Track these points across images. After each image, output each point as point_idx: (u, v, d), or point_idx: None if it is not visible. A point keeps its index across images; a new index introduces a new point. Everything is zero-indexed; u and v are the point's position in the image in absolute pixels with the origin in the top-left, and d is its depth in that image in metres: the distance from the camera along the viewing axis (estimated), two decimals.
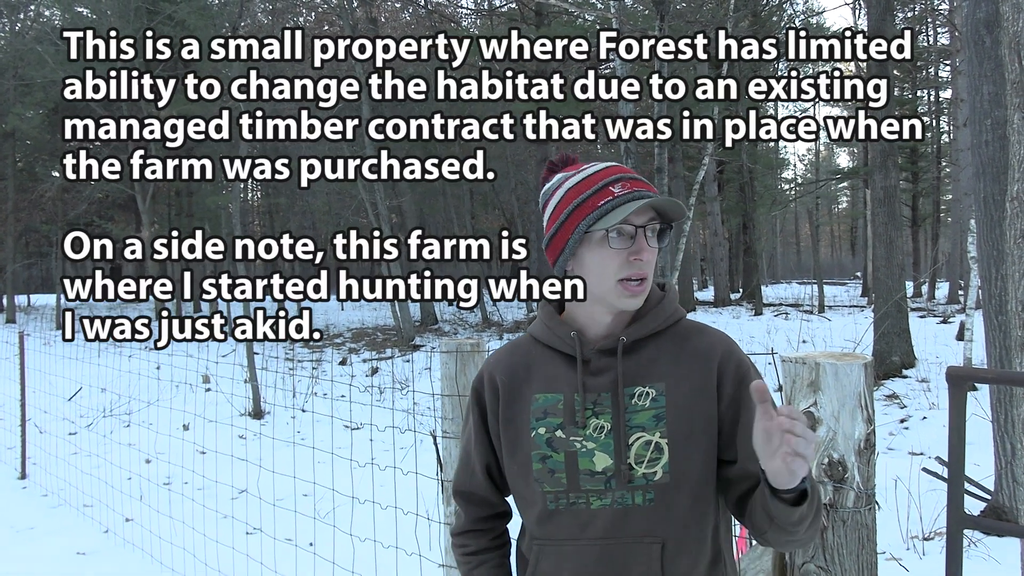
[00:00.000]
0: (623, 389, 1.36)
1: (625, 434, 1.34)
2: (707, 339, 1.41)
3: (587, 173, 1.40)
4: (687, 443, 1.34)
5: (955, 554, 1.31)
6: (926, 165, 28.33)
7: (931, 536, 4.77)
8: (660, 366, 1.38)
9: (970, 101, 5.01)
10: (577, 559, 1.37)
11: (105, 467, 6.34)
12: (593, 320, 1.42)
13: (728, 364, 1.38)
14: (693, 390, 1.36)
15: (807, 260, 55.02)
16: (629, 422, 1.35)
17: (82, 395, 9.31)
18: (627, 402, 1.35)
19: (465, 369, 2.57)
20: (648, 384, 1.36)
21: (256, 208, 32.78)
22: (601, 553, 1.35)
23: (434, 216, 28.01)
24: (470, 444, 1.54)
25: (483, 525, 1.56)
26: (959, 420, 1.30)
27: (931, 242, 29.78)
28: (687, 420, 1.34)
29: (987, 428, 5.09)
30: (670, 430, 1.33)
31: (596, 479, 1.35)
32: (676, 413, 1.34)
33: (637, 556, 1.33)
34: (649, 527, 1.33)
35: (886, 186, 10.12)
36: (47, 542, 5.04)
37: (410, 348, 14.93)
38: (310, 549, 4.22)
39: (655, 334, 1.40)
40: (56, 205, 22.10)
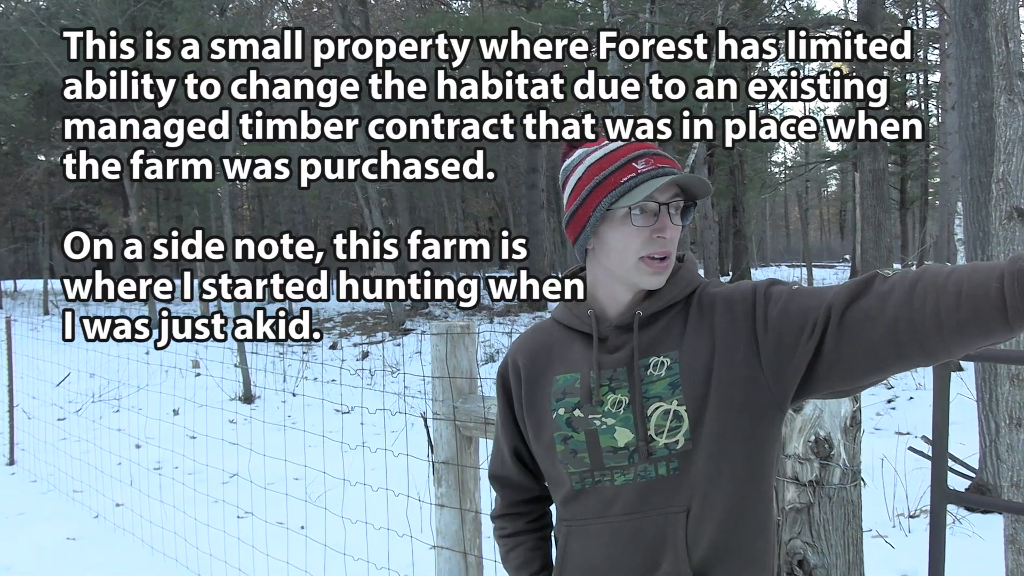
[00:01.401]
0: (638, 361, 1.33)
1: (643, 406, 1.32)
2: (717, 292, 1.36)
3: (609, 149, 1.36)
4: (704, 407, 1.30)
5: (938, 527, 1.33)
6: (914, 148, 28.39)
7: (916, 514, 4.82)
8: (674, 334, 1.35)
9: (958, 84, 5.03)
10: (604, 537, 1.35)
11: (95, 452, 6.33)
12: (613, 299, 1.39)
13: (741, 300, 1.33)
14: (706, 349, 1.31)
15: (796, 243, 55.16)
16: (646, 393, 1.32)
17: (70, 380, 9.29)
18: (643, 373, 1.33)
19: (455, 351, 2.56)
20: (663, 353, 1.33)
21: (245, 192, 32.61)
22: (627, 528, 1.33)
23: (424, 200, 27.94)
24: (499, 429, 1.56)
25: (519, 509, 1.57)
26: (943, 397, 1.32)
27: (919, 224, 29.90)
28: (702, 382, 1.30)
29: (972, 408, 5.15)
30: (686, 395, 1.30)
31: (619, 455, 1.33)
32: (690, 377, 1.30)
33: (663, 527, 1.31)
34: (673, 496, 1.31)
35: (874, 169, 10.16)
36: (37, 528, 5.04)
37: (400, 332, 14.92)
38: (301, 532, 4.23)
39: (672, 305, 1.37)
40: (42, 189, 21.92)
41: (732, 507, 1.30)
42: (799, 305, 1.25)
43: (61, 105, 22.62)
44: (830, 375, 1.24)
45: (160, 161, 15.30)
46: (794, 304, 1.26)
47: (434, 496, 2.62)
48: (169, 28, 17.08)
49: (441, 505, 2.59)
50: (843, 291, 1.21)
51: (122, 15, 16.92)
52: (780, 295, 1.28)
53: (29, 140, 23.49)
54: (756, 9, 20.73)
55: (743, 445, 1.30)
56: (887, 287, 1.17)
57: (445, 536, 2.58)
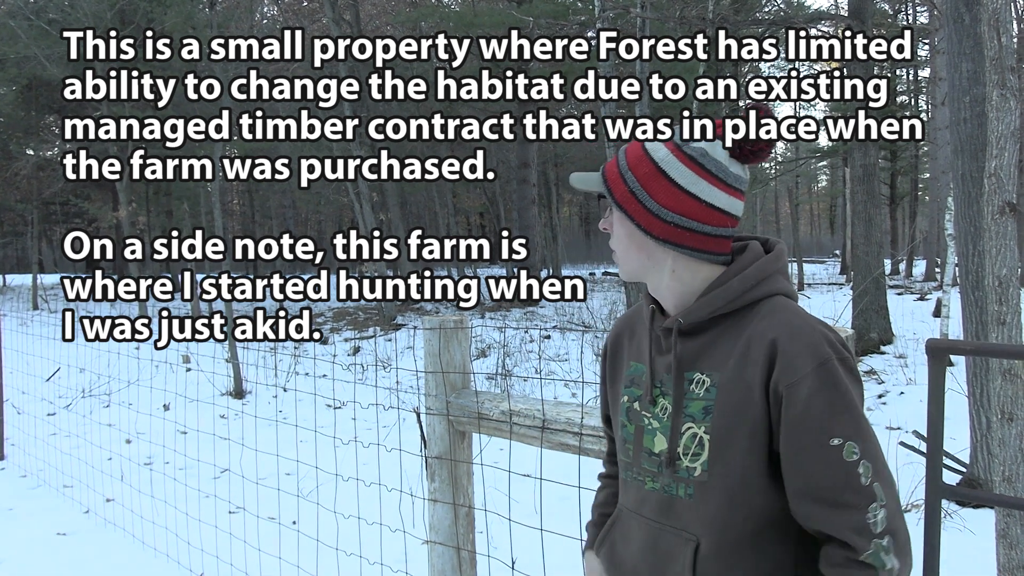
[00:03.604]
0: (680, 373, 1.29)
1: (680, 421, 1.28)
2: (768, 323, 1.23)
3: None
4: (728, 443, 1.23)
5: (933, 521, 1.33)
6: (904, 144, 28.49)
7: (908, 508, 4.84)
8: (719, 352, 1.26)
9: (949, 79, 5.04)
10: (638, 534, 1.37)
11: (85, 447, 6.30)
12: (659, 293, 1.37)
13: (779, 358, 1.19)
14: (743, 383, 1.22)
15: (787, 238, 55.11)
16: (686, 409, 1.28)
17: (60, 375, 9.23)
18: (686, 387, 1.29)
19: (448, 346, 2.56)
20: (706, 371, 1.27)
21: (235, 187, 32.47)
22: (652, 535, 1.33)
23: (415, 196, 27.87)
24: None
25: (614, 459, 1.62)
26: (938, 391, 1.32)
27: (909, 220, 30.00)
28: (732, 416, 1.23)
29: (963, 403, 5.17)
30: (714, 426, 1.24)
31: (652, 460, 1.33)
32: (723, 408, 1.23)
33: (677, 549, 1.29)
34: (688, 522, 1.27)
35: (865, 164, 10.18)
36: (27, 523, 5.01)
37: (392, 327, 14.89)
38: (293, 527, 4.22)
39: (721, 315, 1.28)
40: (31, 183, 21.75)
41: (744, 554, 1.24)
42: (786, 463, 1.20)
43: (50, 99, 22.47)
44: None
45: (160, 161, 15.28)
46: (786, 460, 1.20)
47: (427, 491, 2.61)
48: (159, 22, 16.97)
49: (434, 500, 2.58)
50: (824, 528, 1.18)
51: (111, 9, 16.77)
52: (793, 427, 1.18)
53: (18, 134, 23.30)
54: (747, 4, 20.72)
55: (763, 495, 1.24)
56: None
57: (438, 531, 2.57)
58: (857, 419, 1.17)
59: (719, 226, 1.30)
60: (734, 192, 1.32)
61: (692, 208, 1.29)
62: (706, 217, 1.29)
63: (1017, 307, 2.94)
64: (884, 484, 1.16)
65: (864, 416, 1.19)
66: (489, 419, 2.41)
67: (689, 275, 1.32)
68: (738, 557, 1.24)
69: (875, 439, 1.18)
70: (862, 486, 1.15)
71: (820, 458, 1.16)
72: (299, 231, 33.72)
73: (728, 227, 1.31)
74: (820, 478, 1.16)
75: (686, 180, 1.30)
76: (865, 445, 1.16)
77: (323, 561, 3.80)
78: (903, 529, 1.17)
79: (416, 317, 15.58)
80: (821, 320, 1.25)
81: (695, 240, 1.30)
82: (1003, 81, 2.86)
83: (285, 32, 15.12)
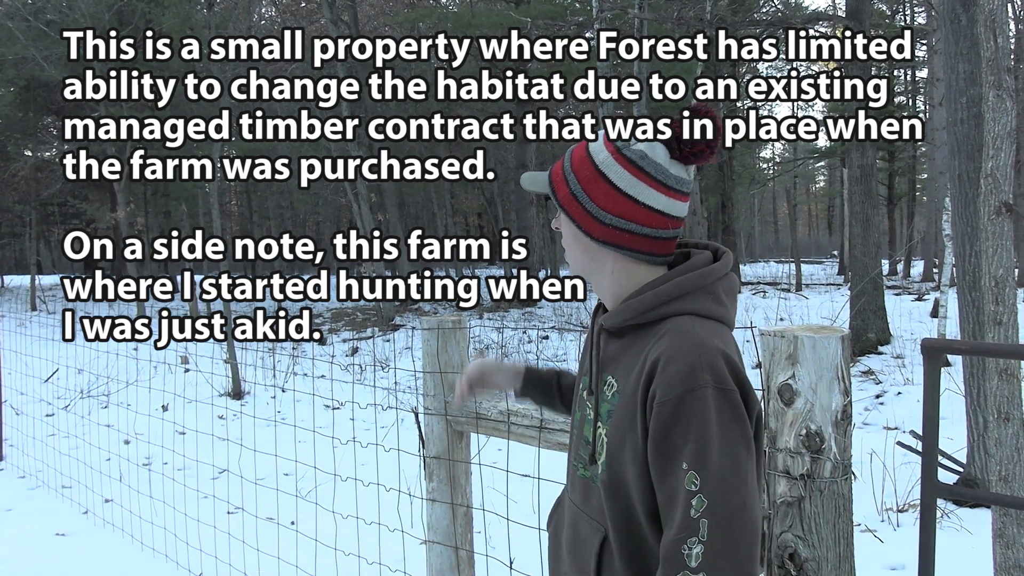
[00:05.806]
0: (599, 374, 1.36)
1: (596, 419, 1.35)
2: (662, 343, 1.22)
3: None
4: (620, 448, 1.26)
5: (929, 521, 1.34)
6: (902, 144, 28.54)
7: (905, 508, 4.85)
8: (627, 361, 1.30)
9: (946, 79, 5.05)
10: (568, 516, 1.44)
11: (83, 448, 6.30)
12: (600, 292, 1.42)
13: (656, 378, 1.20)
14: (633, 396, 1.24)
15: (785, 239, 55.39)
16: (599, 408, 1.34)
17: (59, 376, 9.23)
18: (601, 388, 1.35)
19: (447, 346, 2.56)
20: (615, 376, 1.31)
21: (233, 188, 32.45)
22: (575, 519, 1.40)
23: (413, 196, 27.88)
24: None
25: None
26: (933, 390, 1.33)
27: (906, 220, 30.06)
28: (624, 424, 1.26)
29: (960, 403, 5.18)
30: (611, 430, 1.29)
31: (585, 449, 1.39)
32: (619, 415, 1.27)
33: (590, 536, 1.34)
34: (598, 513, 1.33)
35: (863, 165, 10.19)
36: (25, 524, 5.01)
37: (390, 328, 14.89)
38: (292, 527, 4.22)
39: (634, 325, 1.30)
40: (29, 184, 21.74)
41: (643, 552, 1.27)
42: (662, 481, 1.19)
43: (48, 100, 22.46)
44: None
45: (160, 161, 15.29)
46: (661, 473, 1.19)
47: (425, 491, 2.62)
48: (157, 23, 16.96)
49: (432, 500, 2.59)
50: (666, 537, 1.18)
51: (109, 9, 16.77)
52: (656, 453, 1.19)
53: (16, 135, 23.29)
54: (745, 5, 20.75)
55: (652, 500, 1.23)
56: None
57: (436, 531, 2.58)
58: (708, 451, 1.14)
59: (659, 228, 1.31)
60: (674, 194, 1.32)
61: (630, 210, 1.30)
62: (645, 219, 1.30)
63: (1013, 307, 2.95)
64: (716, 523, 1.13)
65: (726, 451, 1.15)
66: (487, 419, 2.42)
67: (626, 276, 1.34)
68: (638, 555, 1.27)
69: (732, 476, 1.14)
70: (690, 518, 1.14)
71: (665, 479, 1.19)
72: (297, 232, 33.72)
73: (669, 229, 1.32)
74: (662, 497, 1.20)
75: (624, 183, 1.31)
76: (707, 479, 1.14)
77: (322, 561, 3.80)
78: (727, 573, 1.13)
79: (414, 317, 15.58)
80: (725, 347, 1.22)
81: (634, 241, 1.31)
82: (999, 82, 2.87)
83: (285, 32, 15.15)
